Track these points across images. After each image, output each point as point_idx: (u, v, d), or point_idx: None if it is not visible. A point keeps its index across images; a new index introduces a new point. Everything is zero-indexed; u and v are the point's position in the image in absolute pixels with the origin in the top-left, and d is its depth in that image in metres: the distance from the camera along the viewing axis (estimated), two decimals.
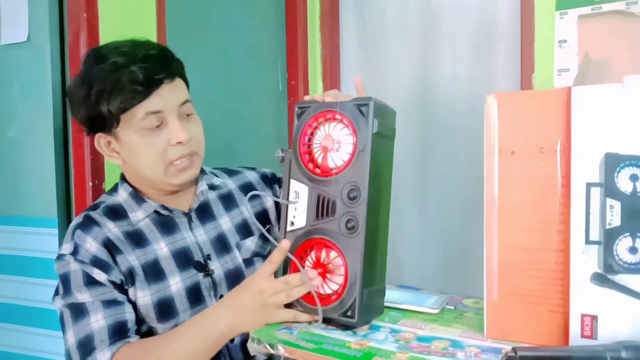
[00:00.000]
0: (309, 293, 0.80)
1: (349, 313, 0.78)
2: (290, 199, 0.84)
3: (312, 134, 0.83)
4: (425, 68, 1.93)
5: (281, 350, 0.73)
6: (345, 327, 0.79)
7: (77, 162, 1.27)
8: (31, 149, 1.32)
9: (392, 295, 0.93)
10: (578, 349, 0.64)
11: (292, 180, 0.84)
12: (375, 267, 0.82)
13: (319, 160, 0.82)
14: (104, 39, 1.27)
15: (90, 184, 1.26)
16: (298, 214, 0.83)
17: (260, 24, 1.96)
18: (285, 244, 0.81)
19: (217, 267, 0.96)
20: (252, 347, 0.76)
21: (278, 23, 2.04)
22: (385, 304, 0.88)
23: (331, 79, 2.11)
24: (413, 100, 1.91)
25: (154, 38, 1.43)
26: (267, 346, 0.74)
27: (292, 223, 0.84)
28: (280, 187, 1.11)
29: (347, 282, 0.78)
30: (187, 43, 1.57)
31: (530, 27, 1.67)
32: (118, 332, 0.83)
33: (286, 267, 0.84)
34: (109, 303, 0.85)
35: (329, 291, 0.80)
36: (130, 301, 0.89)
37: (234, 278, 0.97)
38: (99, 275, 0.86)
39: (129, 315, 0.86)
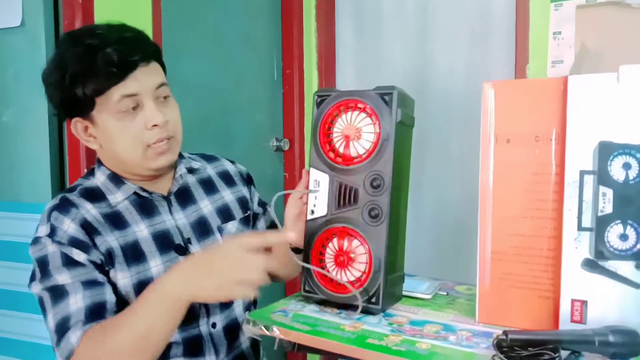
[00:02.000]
0: (333, 281, 0.81)
1: (373, 300, 0.78)
2: (310, 187, 0.84)
3: (332, 122, 0.83)
4: (421, 58, 1.93)
5: (276, 332, 0.74)
6: (367, 312, 0.80)
7: (72, 148, 1.27)
8: (26, 134, 1.32)
9: None
10: (568, 333, 0.65)
11: (312, 169, 0.84)
12: (397, 254, 0.82)
13: (341, 149, 0.82)
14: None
15: (85, 170, 1.26)
16: (319, 203, 0.83)
17: (256, 13, 1.96)
18: (291, 236, 0.80)
19: (198, 250, 0.95)
20: (247, 329, 0.77)
21: (274, 11, 2.04)
22: None
23: (326, 68, 2.11)
24: (408, 90, 1.90)
25: (149, 25, 1.42)
26: (263, 328, 0.75)
27: (313, 212, 0.84)
28: (255, 190, 1.12)
29: (371, 270, 0.78)
30: (183, 30, 1.56)
31: (525, 18, 1.67)
32: (95, 313, 0.81)
33: (307, 259, 0.84)
34: (89, 284, 0.83)
35: (351, 278, 0.80)
36: (110, 282, 0.87)
37: None
38: (78, 255, 0.84)
39: (108, 296, 0.84)
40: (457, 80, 1.86)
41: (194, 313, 0.91)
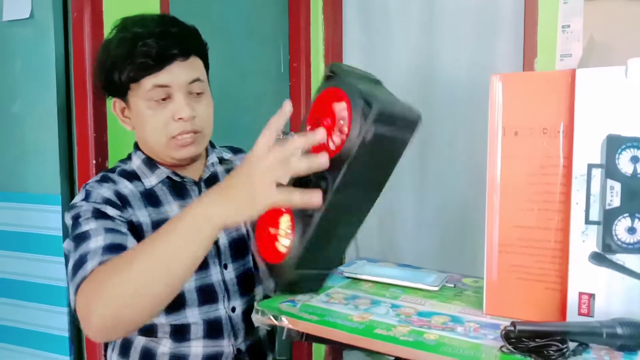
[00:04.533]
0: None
1: (275, 279, 0.74)
2: None
3: (322, 106, 0.75)
4: (428, 51, 1.93)
5: (285, 321, 0.75)
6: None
7: (81, 140, 1.27)
8: (34, 126, 1.32)
9: (392, 273, 0.94)
10: (575, 325, 0.65)
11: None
12: (320, 254, 0.75)
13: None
14: (108, 15, 1.26)
15: (94, 161, 1.27)
16: None
17: (262, 5, 1.95)
18: (287, 106, 0.72)
19: (222, 235, 0.98)
20: (256, 318, 0.78)
21: (281, 4, 2.03)
22: (386, 281, 0.90)
23: (334, 61, 2.11)
24: (415, 83, 1.92)
25: None
26: (271, 317, 0.76)
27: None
28: None
29: (287, 252, 0.72)
30: (190, 21, 1.56)
31: (533, 11, 1.67)
32: (112, 249, 0.79)
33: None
34: (112, 230, 0.83)
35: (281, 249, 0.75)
36: None
37: (238, 247, 0.99)
38: (111, 210, 0.87)
39: (130, 243, 0.83)
40: (464, 74, 1.85)
41: (214, 295, 0.94)
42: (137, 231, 0.89)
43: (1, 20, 1.34)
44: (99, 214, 0.86)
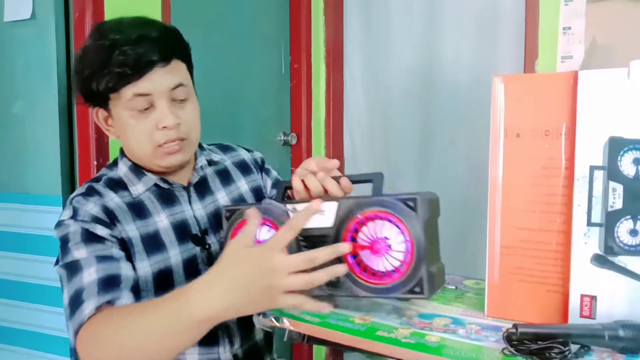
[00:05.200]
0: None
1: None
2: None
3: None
4: (429, 52, 1.93)
5: (286, 323, 0.75)
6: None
7: (82, 141, 1.28)
8: (35, 126, 1.33)
9: None
10: (577, 327, 0.65)
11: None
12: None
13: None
14: (110, 16, 1.26)
15: (95, 162, 1.27)
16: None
17: (264, 6, 1.96)
18: (316, 205, 0.71)
19: (214, 241, 0.96)
20: (257, 320, 0.78)
21: (282, 5, 2.04)
22: None
23: (334, 63, 2.11)
24: (415, 84, 1.92)
25: (158, 16, 1.43)
26: (273, 319, 0.76)
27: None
28: (267, 175, 1.10)
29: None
30: (191, 22, 1.57)
31: (534, 12, 1.67)
32: (108, 285, 0.80)
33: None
34: (104, 258, 0.83)
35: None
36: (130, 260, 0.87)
37: None
38: (101, 230, 0.85)
39: (124, 270, 0.84)
40: (464, 74, 1.86)
41: None
42: (126, 246, 0.88)
43: (3, 20, 1.34)
44: (88, 237, 0.85)
